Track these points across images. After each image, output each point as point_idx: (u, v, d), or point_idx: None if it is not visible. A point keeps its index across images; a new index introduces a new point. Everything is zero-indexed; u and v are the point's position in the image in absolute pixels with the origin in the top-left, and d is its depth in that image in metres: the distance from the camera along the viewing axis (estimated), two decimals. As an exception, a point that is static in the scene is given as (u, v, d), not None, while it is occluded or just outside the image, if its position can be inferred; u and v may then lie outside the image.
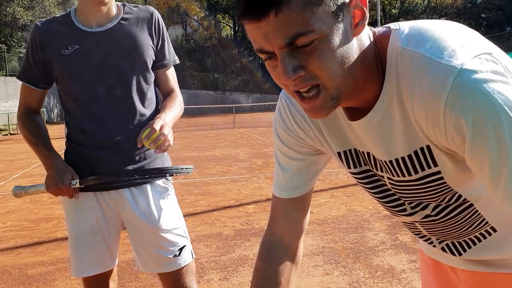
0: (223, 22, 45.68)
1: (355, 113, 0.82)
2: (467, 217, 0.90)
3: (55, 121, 28.54)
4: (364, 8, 0.70)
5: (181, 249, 1.78)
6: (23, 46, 29.67)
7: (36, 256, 3.75)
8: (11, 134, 19.16)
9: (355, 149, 0.90)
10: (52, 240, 4.13)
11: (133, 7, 1.75)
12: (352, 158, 0.91)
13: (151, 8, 1.76)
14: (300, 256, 1.04)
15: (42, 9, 28.99)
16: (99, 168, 1.68)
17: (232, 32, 44.26)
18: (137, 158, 1.71)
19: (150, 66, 1.73)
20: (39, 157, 1.71)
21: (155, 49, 1.75)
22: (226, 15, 43.61)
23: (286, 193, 0.99)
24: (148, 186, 1.73)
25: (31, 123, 1.74)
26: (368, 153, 0.88)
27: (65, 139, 1.77)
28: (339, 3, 0.68)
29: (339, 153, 0.92)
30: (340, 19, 0.68)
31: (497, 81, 0.66)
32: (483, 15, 40.38)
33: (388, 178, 0.88)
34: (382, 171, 0.88)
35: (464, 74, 0.66)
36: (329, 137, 0.90)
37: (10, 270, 3.45)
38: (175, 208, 1.80)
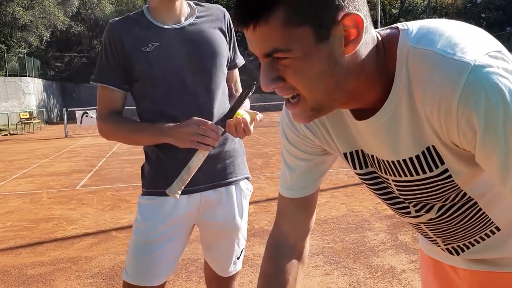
0: (223, 22, 45.66)
1: (362, 113, 0.82)
2: (471, 216, 0.90)
3: (55, 121, 28.56)
4: (360, 30, 0.69)
5: (241, 251, 1.75)
6: (23, 46, 29.70)
7: (36, 256, 3.75)
8: (11, 134, 19.16)
9: (362, 151, 0.90)
10: (52, 240, 4.13)
11: (204, 5, 1.70)
12: (359, 159, 0.91)
13: (222, 8, 1.74)
14: (306, 255, 1.04)
15: (42, 9, 29.03)
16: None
17: (232, 32, 44.26)
18: (222, 156, 1.66)
19: (227, 65, 1.69)
20: (149, 136, 1.55)
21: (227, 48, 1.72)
22: (226, 15, 43.61)
23: (293, 193, 0.99)
24: (233, 187, 1.69)
25: (120, 119, 1.62)
26: (373, 156, 0.88)
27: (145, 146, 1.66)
28: (325, 24, 0.67)
29: (345, 154, 0.92)
30: (324, 41, 0.68)
31: (509, 78, 0.66)
32: (483, 15, 40.40)
33: (394, 180, 0.88)
34: (386, 173, 0.88)
35: (478, 70, 0.66)
36: (335, 138, 0.90)
37: (10, 270, 3.44)
38: (247, 208, 1.78)
